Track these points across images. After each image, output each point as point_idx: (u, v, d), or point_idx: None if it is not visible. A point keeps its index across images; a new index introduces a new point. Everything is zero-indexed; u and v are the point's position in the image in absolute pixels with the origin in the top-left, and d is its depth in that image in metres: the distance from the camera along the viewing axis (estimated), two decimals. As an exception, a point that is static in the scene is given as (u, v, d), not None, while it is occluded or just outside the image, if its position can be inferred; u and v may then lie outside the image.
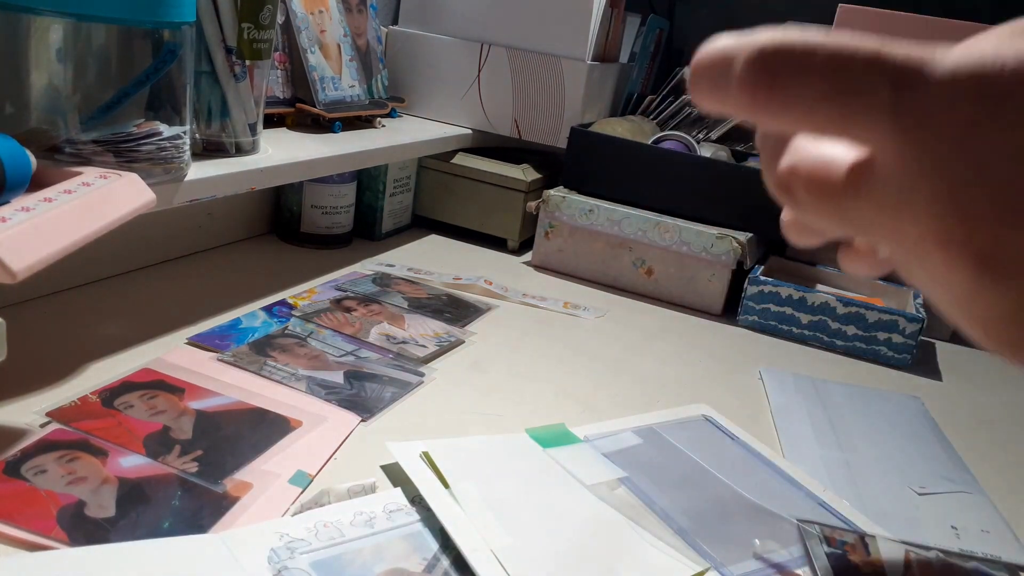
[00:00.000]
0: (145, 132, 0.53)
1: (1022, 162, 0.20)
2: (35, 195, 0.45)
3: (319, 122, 0.82)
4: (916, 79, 0.21)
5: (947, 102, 0.21)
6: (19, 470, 0.41)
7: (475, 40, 0.97)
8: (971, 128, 0.21)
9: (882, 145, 0.23)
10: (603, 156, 0.89)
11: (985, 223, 0.21)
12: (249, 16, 0.64)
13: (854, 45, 0.22)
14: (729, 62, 0.24)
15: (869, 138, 0.23)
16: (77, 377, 0.53)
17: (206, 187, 0.60)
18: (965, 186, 0.21)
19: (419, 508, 0.43)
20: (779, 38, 0.23)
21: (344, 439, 0.50)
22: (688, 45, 1.30)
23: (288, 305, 0.69)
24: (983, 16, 0.91)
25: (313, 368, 0.58)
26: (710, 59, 0.24)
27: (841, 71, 0.22)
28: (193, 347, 0.59)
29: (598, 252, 0.88)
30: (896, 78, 0.22)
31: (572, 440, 0.52)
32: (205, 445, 0.47)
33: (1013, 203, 0.20)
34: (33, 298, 0.62)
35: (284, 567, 0.37)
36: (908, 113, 0.22)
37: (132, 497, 0.41)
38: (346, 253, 0.86)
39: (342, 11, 0.89)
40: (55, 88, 0.51)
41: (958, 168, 0.21)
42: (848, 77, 0.22)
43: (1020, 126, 0.20)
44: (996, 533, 0.50)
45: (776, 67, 0.23)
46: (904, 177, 0.23)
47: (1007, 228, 0.21)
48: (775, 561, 0.43)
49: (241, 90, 0.65)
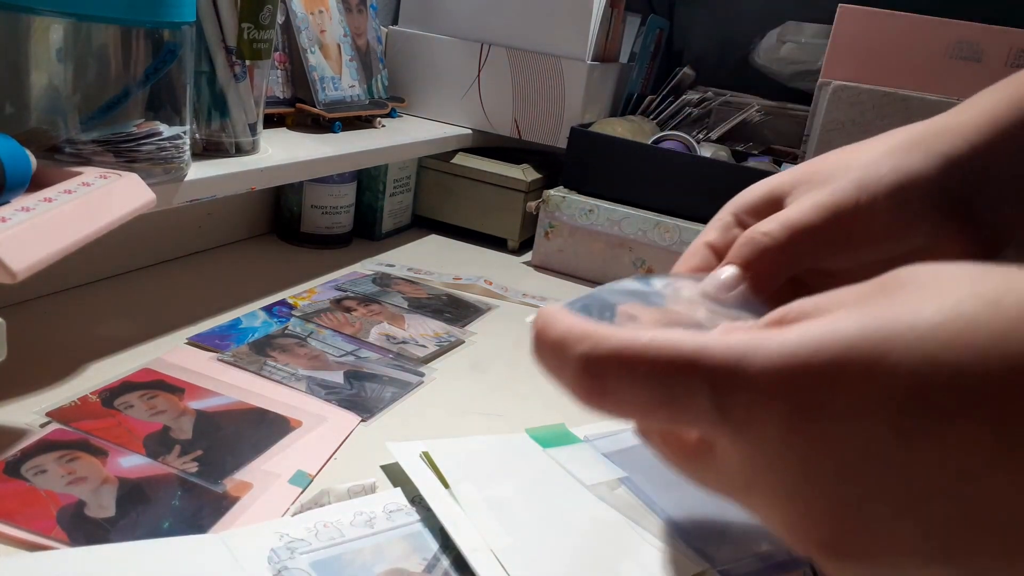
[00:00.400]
0: (145, 132, 0.53)
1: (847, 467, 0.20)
2: (35, 195, 0.45)
3: (319, 122, 0.82)
4: (734, 380, 0.21)
5: (762, 403, 0.21)
6: (19, 470, 0.41)
7: (475, 40, 0.97)
8: (790, 431, 0.21)
9: (719, 441, 0.23)
10: (603, 156, 0.89)
11: (824, 522, 0.21)
12: (249, 16, 0.64)
13: (673, 349, 0.22)
14: (563, 355, 0.24)
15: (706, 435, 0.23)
16: (77, 377, 0.53)
17: (206, 187, 0.60)
18: (798, 487, 0.21)
19: (419, 508, 0.43)
20: (603, 347, 0.23)
21: (344, 439, 0.50)
22: (688, 45, 1.30)
23: (288, 305, 0.69)
24: (982, 15, 0.90)
25: (313, 368, 0.58)
26: (547, 344, 0.24)
27: (662, 382, 0.22)
28: (193, 347, 0.59)
29: (598, 252, 0.88)
30: (714, 382, 0.22)
31: (572, 440, 0.52)
32: (205, 445, 0.47)
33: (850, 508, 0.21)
34: (33, 298, 0.62)
35: (284, 567, 0.37)
36: (731, 416, 0.22)
37: (132, 497, 0.41)
38: (346, 253, 0.86)
39: (342, 11, 0.89)
40: (55, 88, 0.51)
41: (789, 470, 0.22)
42: (668, 386, 0.22)
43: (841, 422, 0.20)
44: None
45: (603, 377, 0.23)
46: (744, 468, 0.23)
47: (846, 526, 0.21)
48: (775, 561, 0.43)
49: (241, 90, 0.65)
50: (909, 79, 0.91)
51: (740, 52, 1.22)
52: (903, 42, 0.92)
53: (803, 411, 0.21)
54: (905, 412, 0.20)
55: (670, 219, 0.85)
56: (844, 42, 0.94)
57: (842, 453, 0.21)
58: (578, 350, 0.23)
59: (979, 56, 0.90)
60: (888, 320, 0.21)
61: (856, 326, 0.21)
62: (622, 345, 0.23)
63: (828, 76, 0.94)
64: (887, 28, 0.92)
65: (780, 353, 0.21)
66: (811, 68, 1.11)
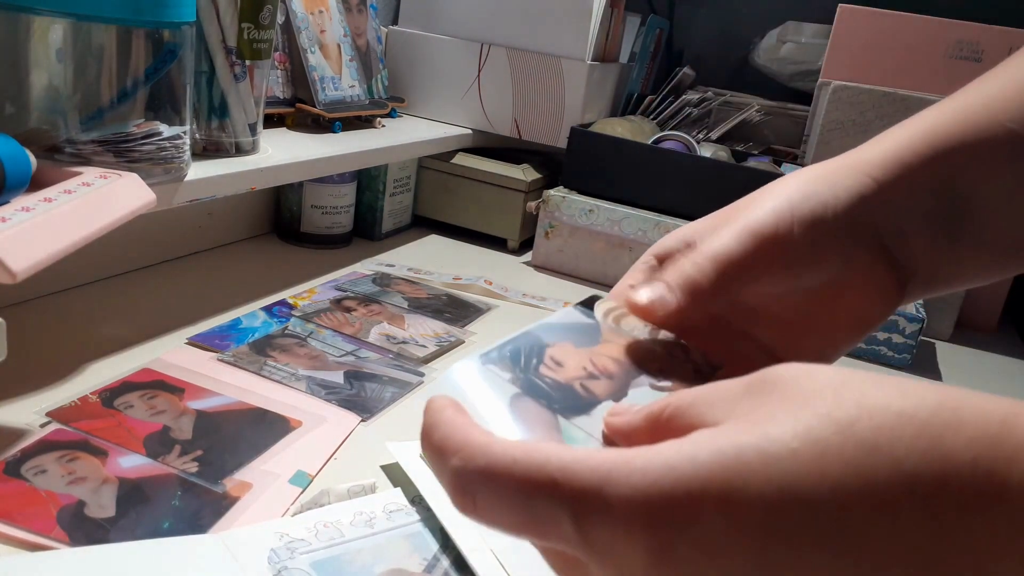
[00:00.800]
0: (145, 132, 0.53)
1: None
2: (35, 195, 0.45)
3: (319, 122, 0.82)
4: (595, 506, 0.21)
5: (623, 533, 0.21)
6: (19, 470, 0.41)
7: (475, 40, 0.97)
8: (652, 564, 0.21)
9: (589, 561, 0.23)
10: (603, 156, 0.89)
11: None
12: (249, 16, 0.64)
13: (539, 469, 0.22)
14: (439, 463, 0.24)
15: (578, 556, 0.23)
16: (77, 377, 0.53)
17: (206, 187, 0.60)
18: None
19: (419, 508, 0.43)
20: (472, 464, 0.23)
21: (344, 439, 0.50)
22: (688, 45, 1.30)
23: (288, 305, 0.69)
24: (982, 15, 0.91)
25: (313, 368, 0.58)
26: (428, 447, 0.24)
27: (525, 503, 0.22)
28: (193, 347, 0.59)
29: (598, 252, 0.88)
30: (574, 507, 0.22)
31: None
32: (205, 445, 0.47)
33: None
34: (33, 298, 0.62)
35: (284, 567, 0.37)
36: (594, 543, 0.22)
37: (132, 497, 0.41)
38: (346, 253, 0.86)
39: (342, 11, 0.89)
40: (55, 88, 0.51)
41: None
42: (531, 508, 0.22)
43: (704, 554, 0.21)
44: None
45: (472, 494, 0.23)
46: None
47: None
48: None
49: (241, 90, 0.65)
50: (909, 79, 0.91)
51: (740, 52, 1.22)
52: (903, 42, 0.92)
53: (664, 544, 0.21)
54: (763, 545, 0.20)
55: (670, 219, 0.85)
56: (844, 42, 0.94)
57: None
58: (451, 463, 0.23)
59: (979, 56, 0.90)
60: (744, 447, 0.21)
61: (712, 455, 0.21)
62: (490, 463, 0.23)
63: (828, 76, 0.94)
64: (887, 28, 0.92)
65: (642, 482, 0.21)
66: (811, 68, 1.11)
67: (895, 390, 0.21)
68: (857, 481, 0.20)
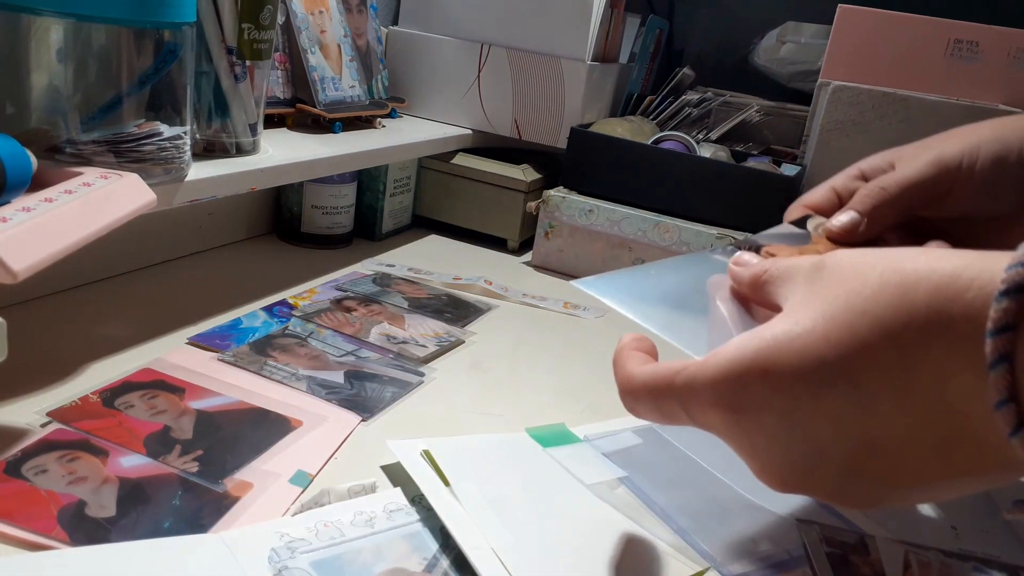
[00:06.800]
0: (145, 132, 0.53)
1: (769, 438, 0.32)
2: (35, 195, 0.45)
3: (319, 122, 0.82)
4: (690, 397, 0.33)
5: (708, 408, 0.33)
6: (20, 470, 0.41)
7: (475, 40, 0.97)
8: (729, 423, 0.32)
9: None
10: (603, 156, 0.89)
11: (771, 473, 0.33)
12: (249, 16, 0.64)
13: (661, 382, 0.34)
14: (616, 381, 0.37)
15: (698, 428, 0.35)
16: (77, 377, 0.53)
17: (206, 187, 0.60)
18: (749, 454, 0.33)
19: (419, 508, 0.43)
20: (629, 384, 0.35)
21: (344, 439, 0.50)
22: (688, 45, 1.30)
23: (288, 305, 0.69)
24: (981, 15, 0.91)
25: (313, 368, 0.58)
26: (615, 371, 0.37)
27: (656, 403, 0.35)
28: (193, 347, 0.59)
29: (598, 252, 0.88)
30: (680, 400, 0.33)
31: (572, 440, 0.52)
32: (205, 445, 0.47)
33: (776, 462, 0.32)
34: (33, 298, 0.62)
35: (284, 567, 0.37)
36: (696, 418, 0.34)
37: (133, 497, 0.41)
38: (346, 253, 0.86)
39: (342, 11, 0.89)
40: (55, 88, 0.51)
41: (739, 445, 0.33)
42: (660, 406, 0.35)
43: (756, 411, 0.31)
44: (996, 533, 0.50)
45: (630, 401, 0.36)
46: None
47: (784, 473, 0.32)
48: (775, 561, 0.43)
49: (241, 90, 0.65)
50: (909, 79, 0.91)
51: (740, 52, 1.22)
52: (903, 42, 0.92)
53: (732, 409, 0.32)
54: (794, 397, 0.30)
55: (670, 219, 0.85)
56: (844, 42, 0.94)
57: (763, 431, 0.32)
58: (617, 383, 0.36)
59: (978, 56, 0.90)
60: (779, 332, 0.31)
61: (757, 342, 0.31)
62: (635, 382, 0.35)
63: (828, 76, 0.94)
64: (887, 28, 0.92)
65: (713, 373, 0.32)
66: (811, 68, 1.11)
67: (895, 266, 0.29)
68: (851, 339, 0.29)
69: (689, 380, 0.33)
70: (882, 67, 0.92)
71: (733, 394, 0.31)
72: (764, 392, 0.31)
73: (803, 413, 0.30)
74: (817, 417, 0.30)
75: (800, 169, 0.92)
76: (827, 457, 0.31)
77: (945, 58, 0.90)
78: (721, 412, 0.32)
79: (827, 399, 0.29)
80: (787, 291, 0.34)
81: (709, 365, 0.32)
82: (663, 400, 0.34)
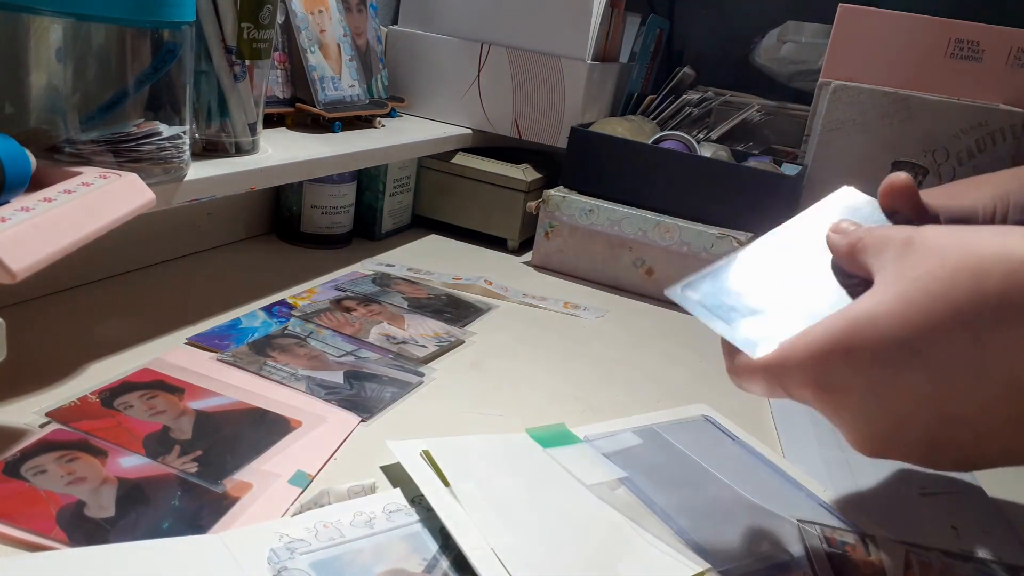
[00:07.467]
0: (145, 132, 0.53)
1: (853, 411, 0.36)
2: (35, 195, 0.45)
3: (319, 122, 0.82)
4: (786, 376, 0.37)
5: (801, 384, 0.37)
6: (19, 470, 0.41)
7: (475, 40, 0.97)
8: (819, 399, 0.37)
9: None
10: (603, 156, 0.89)
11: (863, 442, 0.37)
12: (249, 16, 0.64)
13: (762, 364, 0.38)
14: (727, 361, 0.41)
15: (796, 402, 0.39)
16: (77, 377, 0.53)
17: (206, 187, 0.60)
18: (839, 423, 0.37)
19: (419, 508, 0.43)
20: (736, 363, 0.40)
21: (344, 439, 0.50)
22: (688, 45, 1.30)
23: (288, 305, 0.69)
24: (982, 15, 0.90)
25: (313, 368, 0.58)
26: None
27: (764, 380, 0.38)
28: (193, 347, 0.59)
29: (598, 252, 0.88)
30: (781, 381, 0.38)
31: (572, 440, 0.52)
32: (205, 445, 0.47)
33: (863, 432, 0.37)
34: (33, 298, 0.62)
35: (284, 567, 0.37)
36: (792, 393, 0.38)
37: (132, 497, 0.41)
38: (346, 253, 0.86)
39: (342, 11, 0.89)
40: (55, 88, 0.51)
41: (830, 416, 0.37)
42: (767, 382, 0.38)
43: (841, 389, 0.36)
44: (996, 533, 0.49)
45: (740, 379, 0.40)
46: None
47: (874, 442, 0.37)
48: (775, 561, 0.43)
49: (241, 90, 0.65)
50: (909, 79, 0.91)
51: (740, 52, 1.22)
52: (903, 42, 0.92)
53: (820, 387, 0.36)
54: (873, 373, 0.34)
55: (670, 219, 0.85)
56: (844, 42, 0.94)
57: (848, 406, 0.36)
58: (727, 364, 0.40)
59: (979, 56, 0.90)
60: (859, 312, 0.35)
61: (841, 323, 0.35)
62: (741, 363, 0.39)
63: (828, 76, 0.94)
64: (887, 28, 0.92)
65: (803, 353, 0.36)
66: (811, 68, 1.11)
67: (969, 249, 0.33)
68: (927, 323, 0.33)
69: (782, 360, 0.37)
70: (883, 67, 0.92)
71: (819, 374, 0.35)
72: (846, 373, 0.35)
73: (882, 391, 0.34)
74: (895, 394, 0.34)
75: (801, 169, 0.91)
76: (908, 429, 0.35)
77: (946, 58, 0.90)
78: (811, 390, 0.36)
79: (904, 378, 0.33)
80: (880, 263, 0.37)
81: (800, 346, 0.36)
82: (768, 378, 0.38)
